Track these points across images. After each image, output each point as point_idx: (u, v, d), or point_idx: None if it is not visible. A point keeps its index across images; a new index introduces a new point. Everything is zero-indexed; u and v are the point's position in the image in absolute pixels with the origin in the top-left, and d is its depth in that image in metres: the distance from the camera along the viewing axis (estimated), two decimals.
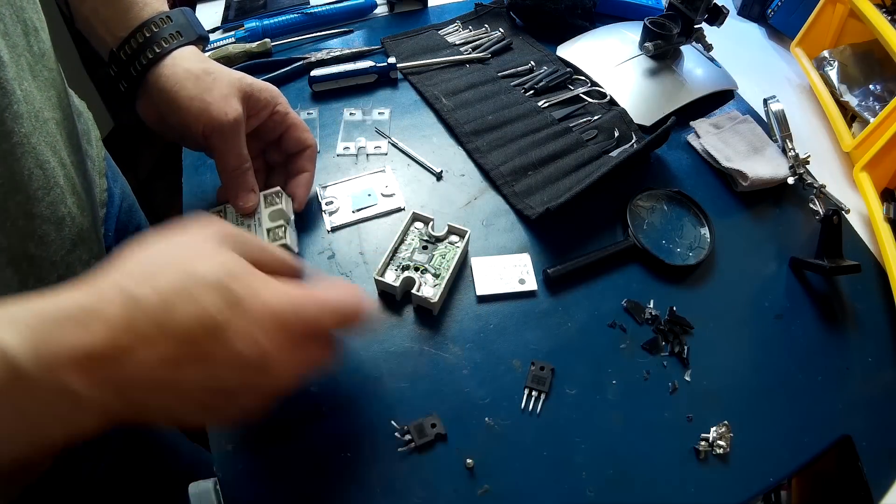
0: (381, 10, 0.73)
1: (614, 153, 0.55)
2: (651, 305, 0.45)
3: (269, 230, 0.43)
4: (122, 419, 0.25)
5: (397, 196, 0.51)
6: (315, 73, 0.60)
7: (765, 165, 0.54)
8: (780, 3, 0.74)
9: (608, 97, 0.61)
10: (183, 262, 0.26)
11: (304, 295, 0.29)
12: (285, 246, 0.43)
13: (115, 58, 0.41)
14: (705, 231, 0.51)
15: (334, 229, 0.49)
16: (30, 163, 0.33)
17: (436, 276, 0.44)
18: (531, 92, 0.61)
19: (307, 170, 0.47)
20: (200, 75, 0.40)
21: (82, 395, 0.23)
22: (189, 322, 0.25)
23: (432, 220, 0.47)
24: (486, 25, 0.70)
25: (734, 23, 0.79)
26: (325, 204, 0.50)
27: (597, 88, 0.61)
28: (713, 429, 0.39)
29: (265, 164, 0.49)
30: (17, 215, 0.32)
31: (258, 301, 0.27)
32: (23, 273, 0.33)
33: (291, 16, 0.69)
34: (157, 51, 0.40)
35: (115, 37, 0.41)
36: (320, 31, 0.69)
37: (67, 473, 0.42)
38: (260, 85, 0.43)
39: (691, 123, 0.59)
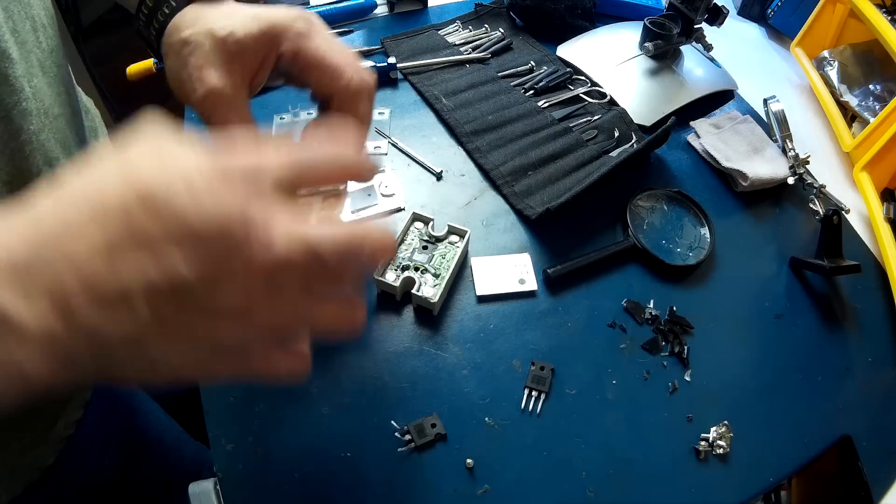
0: (381, 10, 0.73)
1: (614, 153, 0.55)
2: (651, 305, 0.45)
3: None
4: (86, 373, 0.21)
5: (397, 196, 0.51)
6: None
7: (765, 165, 0.54)
8: (780, 3, 0.74)
9: (608, 97, 0.61)
10: (129, 150, 0.22)
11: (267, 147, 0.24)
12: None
13: (135, 25, 0.36)
14: (705, 231, 0.51)
15: None
16: (38, 160, 0.33)
17: (436, 276, 0.44)
18: (531, 92, 0.61)
19: (344, 121, 0.32)
20: (179, 49, 0.32)
21: (10, 311, 0.18)
22: (120, 194, 0.20)
23: (432, 220, 0.47)
24: (486, 25, 0.70)
25: (734, 23, 0.79)
26: None
27: (597, 88, 0.61)
28: (713, 429, 0.39)
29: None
30: None
31: (199, 155, 0.22)
32: None
33: None
34: (161, 19, 0.34)
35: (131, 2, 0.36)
36: None
37: (69, 473, 0.42)
38: (256, 33, 0.31)
39: (691, 123, 0.59)
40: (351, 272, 0.23)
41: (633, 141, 0.56)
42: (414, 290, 0.42)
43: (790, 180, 0.53)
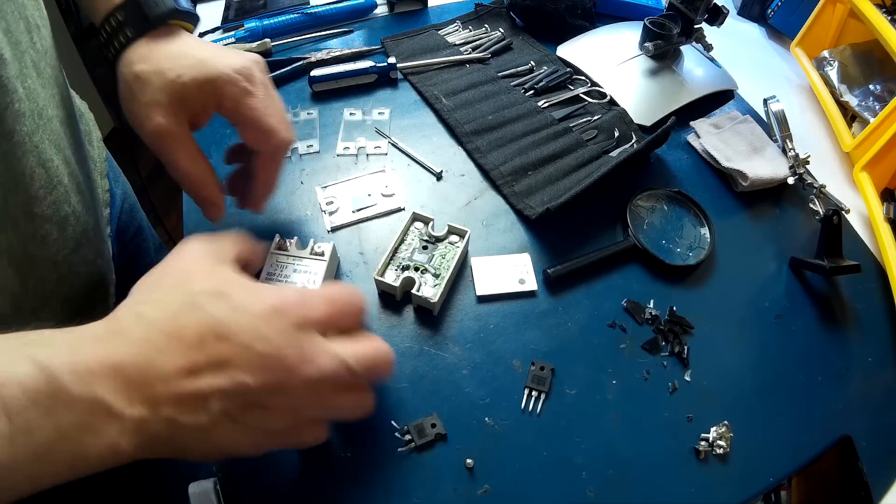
0: (381, 10, 0.73)
1: (614, 153, 0.55)
2: (651, 305, 0.45)
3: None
4: (162, 450, 0.26)
5: (397, 196, 0.51)
6: (315, 73, 0.60)
7: (765, 165, 0.54)
8: (780, 3, 0.74)
9: (608, 97, 0.61)
10: (182, 281, 0.29)
11: (307, 291, 0.31)
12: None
13: (99, 40, 0.39)
14: (705, 231, 0.51)
15: (334, 229, 0.49)
16: (31, 162, 0.32)
17: (436, 276, 0.44)
18: (531, 92, 0.61)
19: (257, 176, 0.41)
20: (131, 83, 0.36)
21: (114, 405, 0.24)
22: (196, 327, 0.27)
23: (432, 220, 0.47)
24: (486, 25, 0.70)
25: (734, 23, 0.79)
26: (325, 204, 0.50)
27: (597, 88, 0.61)
28: (713, 429, 0.39)
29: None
30: (17, 215, 0.32)
31: (260, 302, 0.28)
32: (23, 273, 0.33)
33: (291, 16, 0.69)
34: (117, 46, 0.38)
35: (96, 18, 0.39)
36: (320, 31, 0.69)
37: None
38: (200, 80, 0.36)
39: (691, 123, 0.59)
40: (372, 378, 0.31)
41: (633, 141, 0.56)
42: (414, 290, 0.42)
43: (790, 180, 0.53)
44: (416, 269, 0.44)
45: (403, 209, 0.50)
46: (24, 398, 0.22)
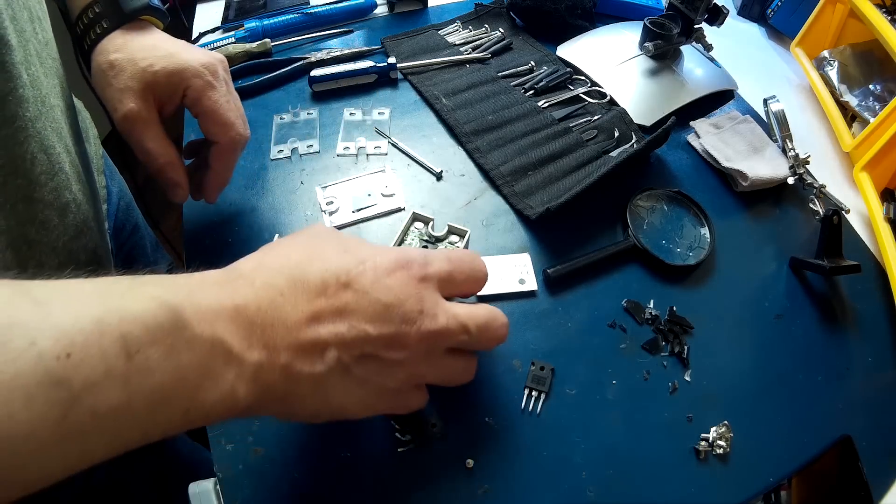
0: (381, 10, 0.73)
1: (614, 153, 0.55)
2: (651, 305, 0.45)
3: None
4: (273, 404, 0.26)
5: (397, 196, 0.51)
6: (315, 73, 0.60)
7: (765, 165, 0.54)
8: (780, 3, 0.74)
9: (608, 97, 0.61)
10: (308, 239, 0.30)
11: (429, 251, 0.32)
12: None
13: (75, 32, 0.42)
14: (705, 231, 0.51)
15: None
16: (33, 147, 0.33)
17: None
18: (531, 92, 0.61)
19: (211, 167, 0.43)
20: (106, 70, 0.39)
21: (234, 348, 0.24)
22: (321, 275, 0.27)
23: (432, 220, 0.47)
24: (486, 25, 0.70)
25: (734, 23, 0.79)
26: (326, 204, 0.50)
27: (597, 88, 0.61)
28: (713, 429, 0.39)
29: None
30: (16, 199, 0.32)
31: (384, 256, 0.29)
32: (22, 257, 0.33)
33: (291, 16, 0.69)
34: (93, 37, 0.40)
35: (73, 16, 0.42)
36: (320, 31, 0.69)
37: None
38: (170, 70, 0.39)
39: (691, 123, 0.59)
40: (485, 342, 0.31)
41: (633, 141, 0.56)
42: None
43: (790, 180, 0.53)
44: None
45: (403, 209, 0.50)
46: (145, 335, 0.21)
